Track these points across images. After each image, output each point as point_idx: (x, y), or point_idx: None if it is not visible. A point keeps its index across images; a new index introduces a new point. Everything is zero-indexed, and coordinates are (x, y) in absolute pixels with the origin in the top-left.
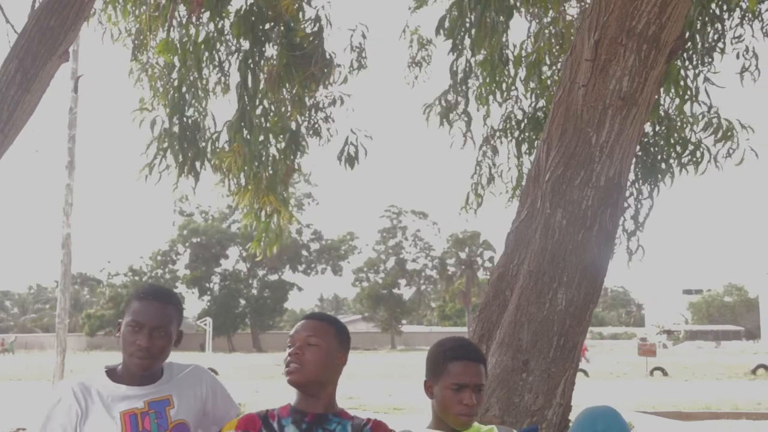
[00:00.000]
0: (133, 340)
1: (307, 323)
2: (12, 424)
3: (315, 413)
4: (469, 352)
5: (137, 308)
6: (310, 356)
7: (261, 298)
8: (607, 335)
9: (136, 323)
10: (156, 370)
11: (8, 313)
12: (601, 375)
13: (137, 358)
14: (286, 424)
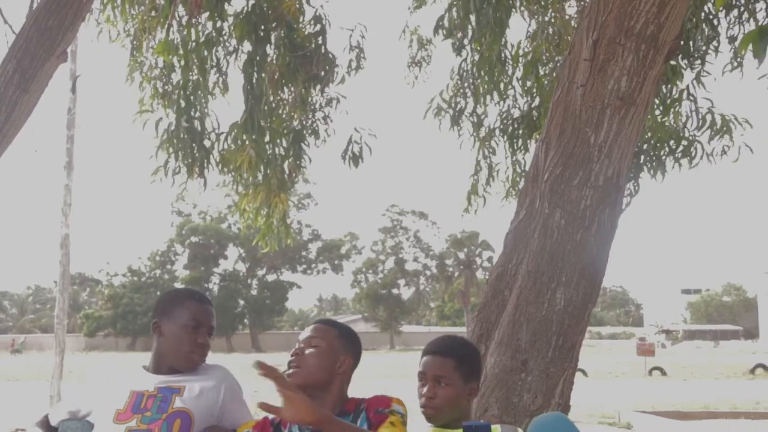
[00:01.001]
0: (193, 338)
1: (312, 326)
2: (11, 425)
3: None
4: (431, 346)
5: (196, 309)
6: (310, 358)
7: (260, 298)
8: (605, 335)
9: (197, 322)
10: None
11: (7, 314)
12: (600, 375)
13: (197, 355)
14: (293, 429)
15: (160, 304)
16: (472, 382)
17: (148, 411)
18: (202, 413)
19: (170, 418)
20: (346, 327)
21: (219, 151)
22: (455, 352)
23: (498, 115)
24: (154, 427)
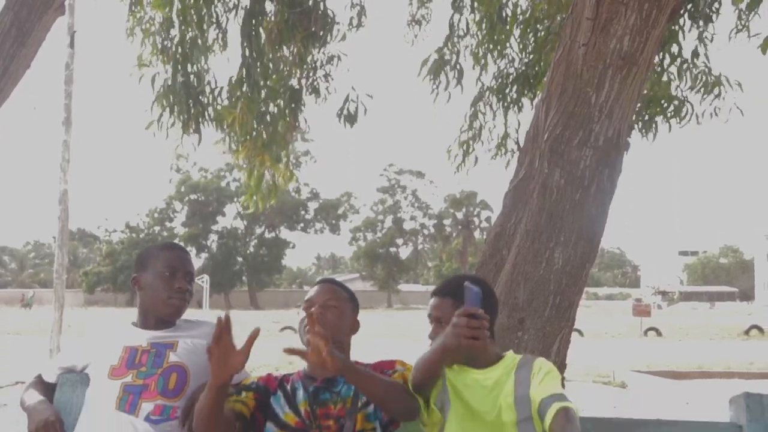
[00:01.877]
0: (170, 285)
1: (326, 287)
2: (11, 378)
3: (325, 377)
4: (435, 288)
5: (170, 257)
6: (330, 317)
7: (258, 255)
8: (602, 296)
9: (172, 269)
10: (177, 318)
11: (6, 269)
12: (596, 335)
13: (177, 300)
14: (298, 388)
15: (137, 259)
16: None
17: (143, 366)
18: (196, 367)
19: (166, 372)
20: (352, 291)
21: (214, 108)
22: (453, 292)
23: (493, 74)
24: (151, 381)
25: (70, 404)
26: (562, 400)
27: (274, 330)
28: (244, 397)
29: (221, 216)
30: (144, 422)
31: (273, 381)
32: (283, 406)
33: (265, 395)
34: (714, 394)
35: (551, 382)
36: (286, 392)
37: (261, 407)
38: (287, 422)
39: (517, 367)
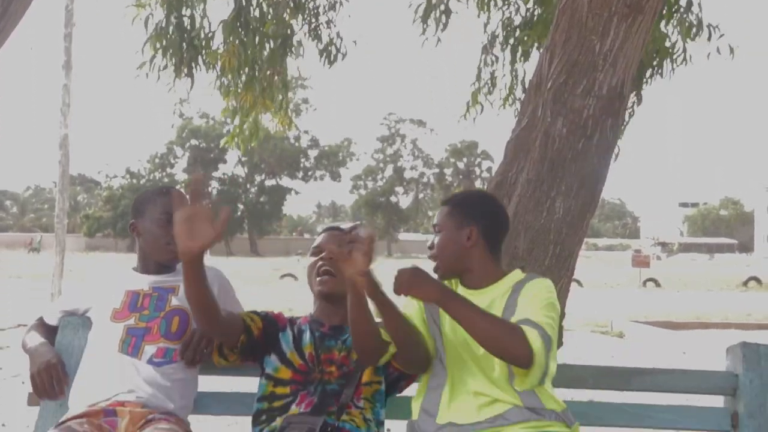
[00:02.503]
0: (167, 231)
1: (333, 234)
2: (13, 320)
3: (332, 324)
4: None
5: (165, 202)
6: (336, 267)
7: (259, 203)
8: (602, 247)
9: (169, 214)
10: (176, 263)
11: (8, 213)
12: (595, 285)
13: (174, 246)
14: (304, 330)
15: (134, 205)
16: (466, 226)
17: (145, 310)
18: None
19: (168, 315)
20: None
21: (207, 51)
22: (451, 200)
23: (499, 21)
24: (153, 324)
25: (71, 347)
26: (533, 325)
27: (274, 277)
28: (251, 321)
29: (222, 163)
30: (147, 365)
31: (284, 318)
32: (289, 344)
33: (273, 327)
34: (711, 344)
35: (532, 304)
36: (293, 332)
37: (267, 337)
38: (291, 361)
39: (512, 289)
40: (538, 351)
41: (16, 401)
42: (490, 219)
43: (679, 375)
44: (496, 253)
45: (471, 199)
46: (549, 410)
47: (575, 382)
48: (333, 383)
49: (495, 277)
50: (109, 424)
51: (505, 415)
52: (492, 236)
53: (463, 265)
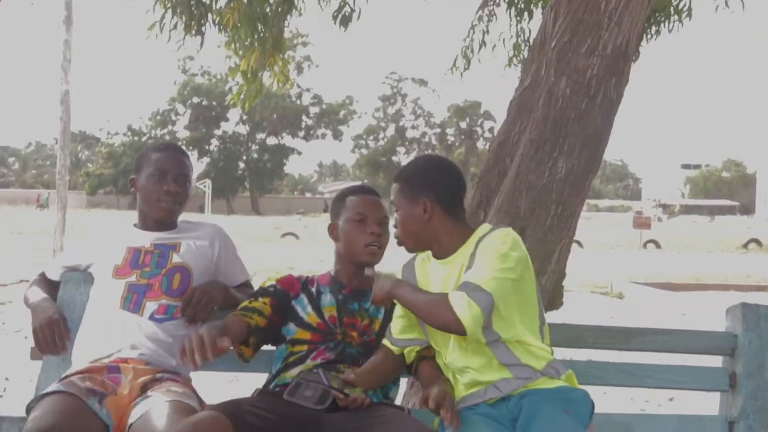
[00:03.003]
0: (159, 187)
1: (378, 202)
2: (15, 276)
3: (353, 287)
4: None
5: (159, 158)
6: (385, 239)
7: (260, 161)
8: (603, 208)
9: (161, 171)
10: (172, 220)
11: (10, 169)
12: (596, 246)
13: (165, 203)
14: (324, 292)
15: (135, 161)
16: (419, 200)
17: (147, 266)
18: (199, 268)
19: (170, 272)
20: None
21: (216, 9)
22: (400, 176)
23: None
24: (155, 281)
25: (73, 302)
26: (468, 288)
27: (275, 236)
28: (260, 304)
29: (224, 121)
30: (148, 321)
31: (295, 284)
32: (305, 306)
33: (283, 299)
34: (710, 305)
35: (481, 262)
36: (310, 294)
37: (279, 311)
38: (309, 322)
39: (474, 246)
40: (460, 310)
41: (19, 356)
42: (440, 185)
43: (678, 335)
44: (457, 215)
45: (418, 171)
46: (525, 366)
47: (575, 342)
48: (353, 347)
49: (462, 238)
50: (112, 381)
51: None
52: (448, 201)
53: (428, 238)
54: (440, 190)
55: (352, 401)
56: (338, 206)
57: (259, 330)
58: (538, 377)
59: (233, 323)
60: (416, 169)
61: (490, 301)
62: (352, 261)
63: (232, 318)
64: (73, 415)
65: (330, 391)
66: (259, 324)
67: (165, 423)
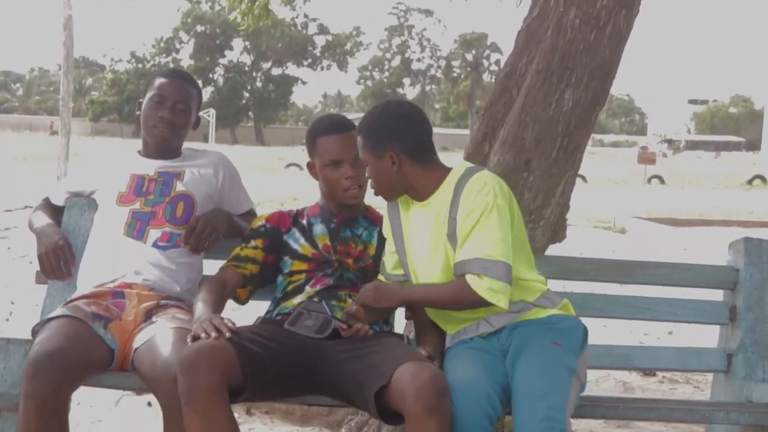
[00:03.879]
0: (155, 113)
1: (349, 140)
2: (19, 202)
3: (344, 216)
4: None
5: (161, 83)
6: (364, 177)
7: (265, 91)
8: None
9: (160, 97)
10: (175, 148)
11: (13, 95)
12: (600, 181)
13: (158, 130)
14: (314, 222)
15: (142, 85)
16: (384, 153)
17: (150, 194)
18: (203, 196)
19: (173, 200)
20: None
21: None
22: (361, 130)
23: None
24: (158, 209)
25: (78, 227)
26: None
27: (279, 166)
28: (252, 251)
29: (228, 50)
30: (152, 248)
31: (286, 219)
32: (298, 239)
33: (275, 237)
34: (712, 241)
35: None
36: (301, 227)
37: (272, 251)
38: (304, 254)
39: (453, 195)
40: (487, 293)
41: (25, 280)
42: (403, 134)
43: (680, 269)
44: (426, 159)
45: (378, 124)
46: (518, 302)
47: (576, 274)
48: (351, 272)
49: (437, 180)
50: (116, 306)
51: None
52: (414, 149)
53: (402, 186)
54: (404, 140)
55: (355, 332)
56: (311, 146)
57: (254, 277)
58: (530, 308)
59: (230, 278)
60: (376, 122)
61: (507, 268)
62: (335, 201)
63: (227, 272)
64: (79, 338)
65: (331, 320)
66: (253, 272)
67: (169, 349)
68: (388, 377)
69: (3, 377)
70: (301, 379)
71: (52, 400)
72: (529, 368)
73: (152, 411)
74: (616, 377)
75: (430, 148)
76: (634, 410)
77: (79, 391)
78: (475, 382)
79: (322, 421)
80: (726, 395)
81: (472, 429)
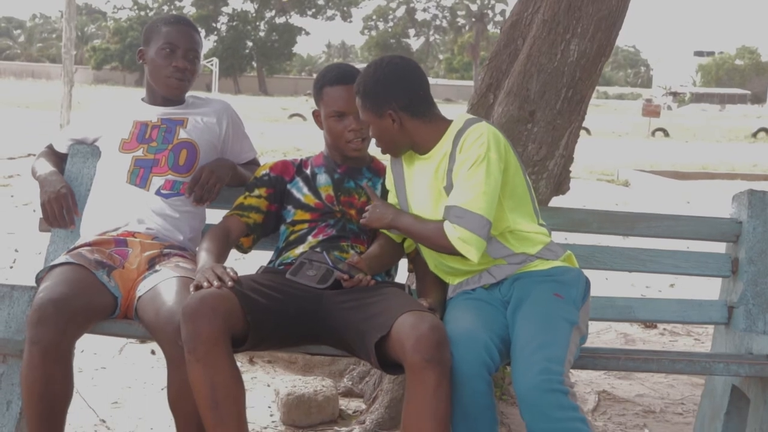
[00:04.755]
0: (168, 62)
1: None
2: (22, 150)
3: (348, 165)
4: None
5: (170, 32)
6: (367, 130)
7: (268, 41)
8: (612, 95)
9: (171, 45)
10: (180, 96)
11: (15, 41)
12: (603, 134)
13: (175, 80)
14: (318, 172)
15: (143, 31)
16: (384, 113)
17: (153, 141)
18: (206, 145)
19: (176, 148)
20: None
21: None
22: (359, 90)
23: None
24: (161, 157)
25: (81, 175)
26: (456, 214)
27: (283, 116)
28: (256, 200)
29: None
30: (155, 196)
31: (290, 168)
32: (302, 188)
33: (279, 185)
34: (715, 194)
35: (460, 177)
36: (305, 176)
37: (275, 199)
38: (307, 203)
39: (452, 146)
40: (457, 242)
41: (28, 228)
42: (400, 92)
43: (683, 221)
44: (426, 114)
45: (372, 83)
46: (519, 254)
47: (579, 226)
48: (353, 223)
49: (438, 133)
50: (119, 254)
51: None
52: (412, 105)
53: (406, 142)
54: (401, 98)
55: (357, 282)
56: (317, 95)
57: (257, 226)
58: (532, 260)
59: (233, 226)
60: (372, 82)
61: (483, 222)
62: (338, 151)
63: (230, 221)
64: (83, 285)
65: (333, 270)
66: (257, 221)
67: (173, 297)
68: (389, 327)
69: (7, 324)
70: (302, 328)
71: (56, 346)
72: (528, 320)
73: (155, 359)
74: (617, 329)
75: (429, 101)
76: (634, 361)
77: (83, 338)
78: (473, 333)
79: (325, 370)
80: (726, 347)
81: (470, 379)
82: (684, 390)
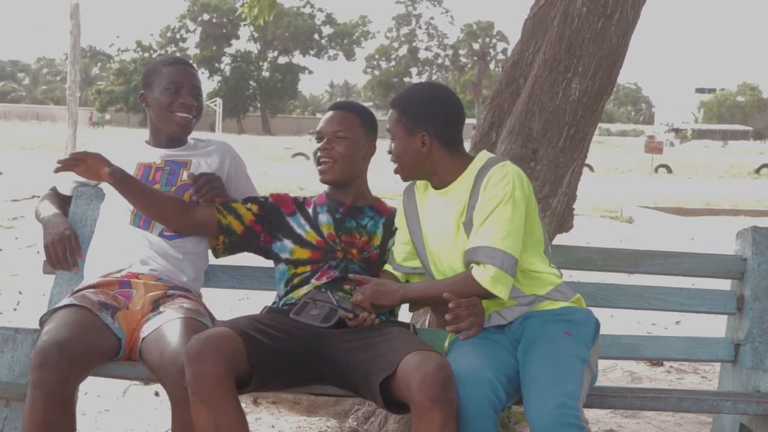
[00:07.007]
0: (173, 100)
1: (333, 115)
2: (27, 192)
3: (349, 205)
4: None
5: (172, 72)
6: (339, 150)
7: (272, 80)
8: (615, 132)
9: (175, 84)
10: (188, 133)
11: (20, 84)
12: (607, 170)
13: (183, 117)
14: (320, 211)
15: (143, 76)
16: (417, 133)
17: (156, 183)
18: None
19: (179, 190)
20: (366, 110)
21: None
22: (398, 104)
23: None
24: None
25: (85, 217)
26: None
27: (286, 156)
28: (244, 209)
29: (235, 39)
30: (158, 237)
31: (290, 203)
32: (303, 225)
33: (273, 214)
34: (719, 230)
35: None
36: (306, 214)
37: (264, 222)
38: (308, 240)
39: (474, 182)
40: (489, 281)
41: (32, 270)
42: (441, 119)
43: (687, 258)
44: (454, 146)
45: (418, 101)
46: (530, 295)
47: (584, 264)
48: (355, 263)
49: (460, 169)
50: (124, 295)
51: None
52: (447, 135)
53: (425, 170)
54: (440, 125)
55: (361, 321)
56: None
57: (232, 233)
58: (542, 301)
59: (204, 214)
60: (417, 100)
61: (512, 261)
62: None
63: (205, 209)
64: (86, 327)
65: (337, 309)
66: (233, 226)
67: (177, 339)
68: (394, 367)
69: (11, 367)
70: (307, 368)
71: (59, 390)
72: (542, 358)
73: (159, 401)
74: (623, 367)
75: (461, 139)
76: (641, 400)
77: (87, 380)
78: (478, 371)
79: (329, 411)
80: (733, 385)
81: (475, 417)
82: (692, 428)
